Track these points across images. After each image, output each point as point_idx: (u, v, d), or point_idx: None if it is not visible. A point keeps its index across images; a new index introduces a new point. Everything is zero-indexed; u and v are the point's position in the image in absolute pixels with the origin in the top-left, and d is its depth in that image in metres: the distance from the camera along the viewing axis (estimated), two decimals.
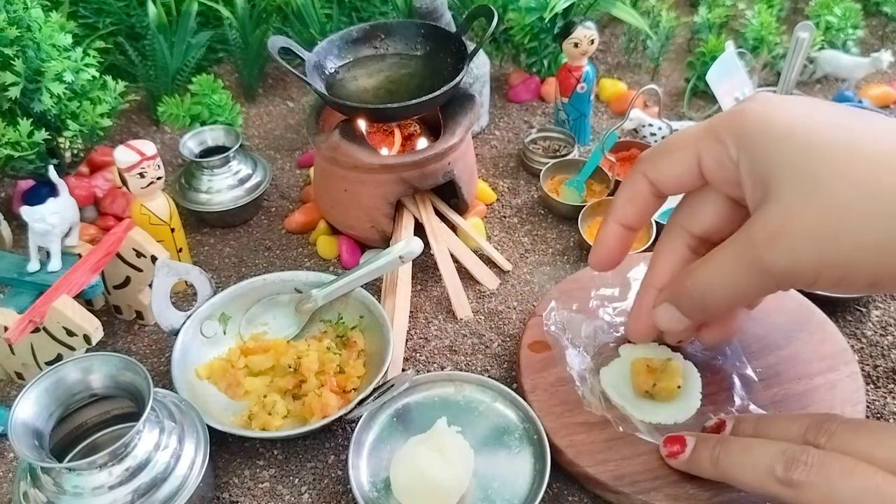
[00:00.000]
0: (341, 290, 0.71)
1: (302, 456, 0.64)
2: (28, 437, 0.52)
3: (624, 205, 0.57)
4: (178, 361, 0.66)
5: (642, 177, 0.55)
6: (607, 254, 0.59)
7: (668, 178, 0.53)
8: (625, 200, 0.57)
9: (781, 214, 0.45)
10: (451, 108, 0.80)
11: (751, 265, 0.47)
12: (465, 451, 0.58)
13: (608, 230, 0.58)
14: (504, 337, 0.74)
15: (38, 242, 0.70)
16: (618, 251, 0.59)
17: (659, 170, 0.54)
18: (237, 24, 1.06)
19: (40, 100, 0.78)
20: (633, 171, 0.56)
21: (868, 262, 0.43)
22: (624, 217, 0.57)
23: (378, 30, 0.85)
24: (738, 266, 0.48)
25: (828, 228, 0.43)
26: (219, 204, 0.85)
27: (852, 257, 0.43)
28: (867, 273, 0.43)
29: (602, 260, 0.59)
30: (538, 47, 1.06)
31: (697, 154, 0.51)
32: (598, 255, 0.59)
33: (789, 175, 0.45)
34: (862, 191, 0.43)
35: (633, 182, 0.56)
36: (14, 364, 0.69)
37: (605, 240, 0.58)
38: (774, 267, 0.45)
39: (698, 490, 0.55)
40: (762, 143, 0.47)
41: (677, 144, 0.53)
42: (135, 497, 0.53)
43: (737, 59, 0.92)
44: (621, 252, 0.59)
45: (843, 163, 0.44)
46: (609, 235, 0.58)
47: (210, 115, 0.92)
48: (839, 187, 0.43)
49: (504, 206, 0.90)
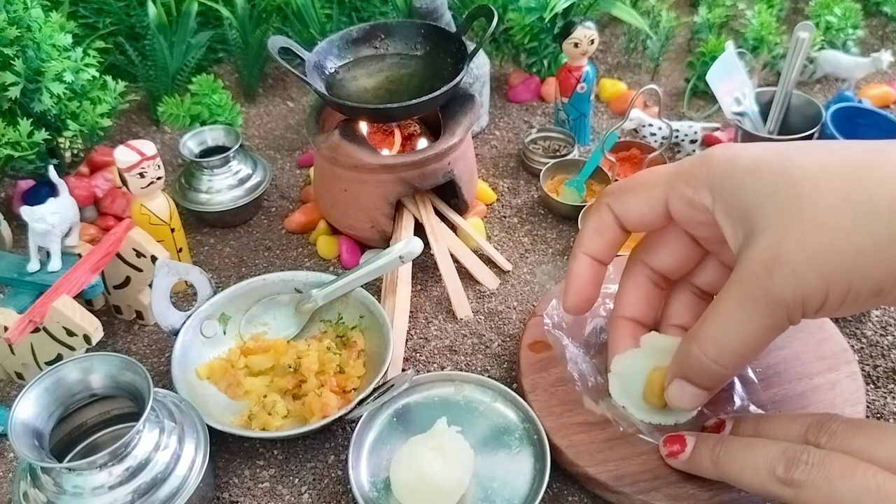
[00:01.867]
0: (341, 290, 0.71)
1: (302, 456, 0.64)
2: (28, 437, 0.52)
3: (591, 236, 0.55)
4: (178, 361, 0.66)
5: (607, 209, 0.54)
6: (581, 291, 0.56)
7: (632, 216, 0.53)
8: (591, 232, 0.55)
9: (774, 242, 0.44)
10: (451, 108, 0.80)
11: (758, 303, 0.44)
12: (465, 451, 0.58)
13: (578, 264, 0.56)
14: (504, 337, 0.74)
15: (38, 242, 0.70)
16: (592, 287, 0.56)
17: (624, 205, 0.53)
18: (237, 24, 1.06)
19: (40, 100, 0.78)
20: (598, 202, 0.55)
21: (870, 267, 0.42)
22: (591, 249, 0.55)
23: (378, 30, 0.85)
24: (744, 309, 0.45)
25: (824, 242, 0.42)
26: (219, 204, 0.85)
27: (854, 264, 0.42)
28: (871, 280, 0.42)
29: (576, 300, 0.56)
30: (538, 47, 1.06)
31: (665, 196, 0.51)
32: (572, 295, 0.56)
33: (770, 203, 0.44)
34: (848, 197, 0.42)
35: (598, 213, 0.54)
36: (14, 364, 0.69)
37: (577, 276, 0.56)
38: (782, 296, 0.43)
39: (698, 490, 0.55)
40: (736, 180, 0.47)
41: (644, 184, 0.52)
42: (135, 497, 0.53)
43: (737, 59, 0.92)
44: (595, 288, 0.56)
45: (821, 177, 0.44)
46: (579, 271, 0.55)
47: (210, 115, 0.92)
48: (824, 200, 0.43)
49: (504, 206, 0.90)
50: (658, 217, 0.52)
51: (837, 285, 0.43)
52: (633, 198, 0.53)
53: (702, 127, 0.93)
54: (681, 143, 0.93)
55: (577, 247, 0.56)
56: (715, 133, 0.97)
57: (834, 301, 0.43)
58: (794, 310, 0.44)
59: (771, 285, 0.43)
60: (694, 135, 0.92)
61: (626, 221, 0.54)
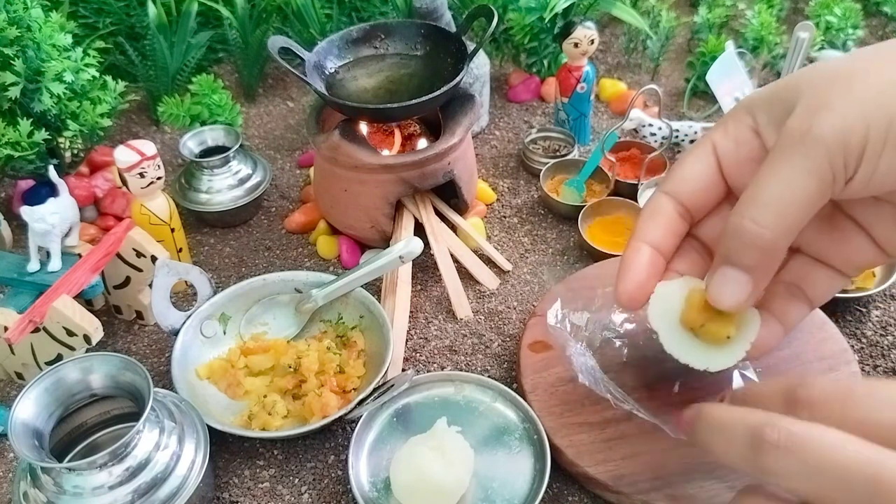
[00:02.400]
0: (341, 290, 0.71)
1: (302, 456, 0.64)
2: (28, 437, 0.52)
3: (645, 223, 0.50)
4: (178, 361, 0.66)
5: (659, 192, 0.50)
6: (636, 280, 0.49)
7: (686, 184, 0.49)
8: (646, 219, 0.50)
9: (813, 99, 0.43)
10: (451, 108, 0.80)
11: (797, 147, 0.42)
12: (465, 451, 0.58)
13: (632, 252, 0.49)
14: (504, 337, 0.74)
15: (38, 242, 0.70)
16: (649, 277, 0.50)
17: (674, 178, 0.49)
18: (237, 24, 1.06)
19: (40, 100, 0.78)
20: (652, 194, 0.52)
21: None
22: (647, 237, 0.50)
23: (378, 30, 0.85)
24: (785, 158, 0.42)
25: (859, 84, 0.42)
26: (219, 204, 0.85)
27: (889, 96, 0.41)
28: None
29: (631, 290, 0.49)
30: (538, 47, 1.06)
31: (712, 145, 0.48)
32: (627, 284, 0.49)
33: (808, 84, 0.44)
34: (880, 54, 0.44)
35: (651, 200, 0.51)
36: (14, 364, 0.69)
37: (632, 264, 0.49)
38: (821, 135, 0.41)
39: (698, 490, 0.55)
40: (775, 91, 0.46)
41: (691, 148, 0.51)
42: (135, 497, 0.53)
43: (737, 59, 0.92)
44: (652, 279, 0.50)
45: (858, 58, 0.45)
46: (634, 258, 0.49)
47: (210, 115, 0.92)
48: (860, 64, 0.44)
49: (504, 206, 0.90)
50: (712, 174, 0.48)
51: (877, 120, 0.41)
52: (681, 166, 0.50)
53: (702, 127, 0.93)
54: (681, 143, 0.93)
55: (631, 237, 0.50)
56: None
57: (875, 142, 0.41)
58: (835, 153, 0.42)
59: (810, 126, 0.42)
60: (694, 135, 0.92)
61: (681, 192, 0.49)
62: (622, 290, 0.49)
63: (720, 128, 0.49)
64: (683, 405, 0.62)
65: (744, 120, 0.48)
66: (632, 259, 0.49)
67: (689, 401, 0.62)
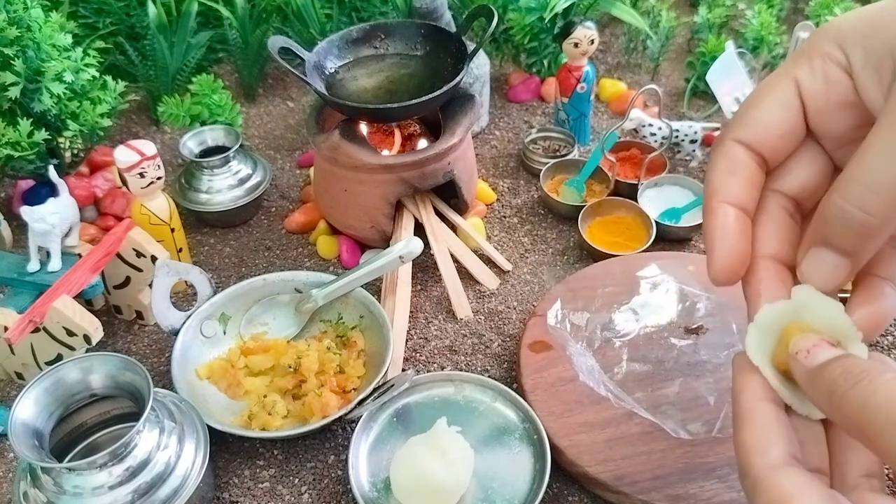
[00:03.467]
0: (341, 290, 0.71)
1: (302, 456, 0.64)
2: (28, 437, 0.52)
3: (723, 180, 0.42)
4: (178, 361, 0.66)
5: (732, 142, 0.42)
6: (732, 249, 0.42)
7: (767, 130, 0.42)
8: (723, 175, 0.43)
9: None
10: (451, 108, 0.80)
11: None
12: (465, 451, 0.58)
13: (719, 218, 0.42)
14: (504, 337, 0.74)
15: (38, 242, 0.70)
16: (743, 242, 0.42)
17: (751, 123, 0.42)
18: (237, 24, 1.06)
19: (40, 100, 0.78)
20: (719, 143, 0.43)
21: None
22: (729, 195, 0.42)
23: (378, 30, 0.85)
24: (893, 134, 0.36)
25: None
26: (219, 204, 0.85)
27: None
28: None
29: (728, 261, 0.42)
30: (538, 47, 1.06)
31: (796, 84, 0.41)
32: (722, 256, 0.42)
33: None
34: None
35: (723, 151, 0.43)
36: (14, 364, 0.69)
37: (722, 231, 0.42)
38: None
39: (698, 490, 0.55)
40: (872, 19, 0.39)
41: (763, 89, 0.42)
42: (135, 497, 0.53)
43: (737, 59, 0.92)
44: (747, 243, 0.43)
45: None
46: (723, 224, 0.42)
47: (210, 115, 0.92)
48: None
49: (504, 206, 0.90)
50: (796, 119, 0.42)
51: None
52: (758, 108, 0.42)
53: (702, 127, 0.93)
54: (681, 143, 0.93)
55: (709, 198, 0.43)
56: (715, 133, 0.97)
57: None
58: None
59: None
60: (694, 135, 0.92)
61: (761, 141, 0.42)
62: (719, 263, 0.42)
63: (803, 63, 0.41)
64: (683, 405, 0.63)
65: (833, 54, 0.40)
66: (721, 225, 0.42)
67: (690, 400, 0.63)
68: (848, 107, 0.41)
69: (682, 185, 0.88)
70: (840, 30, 0.40)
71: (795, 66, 0.41)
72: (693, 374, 0.65)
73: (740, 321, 0.68)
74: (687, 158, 0.95)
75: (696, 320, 0.69)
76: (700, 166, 0.94)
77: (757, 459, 0.38)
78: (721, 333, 0.68)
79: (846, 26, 0.40)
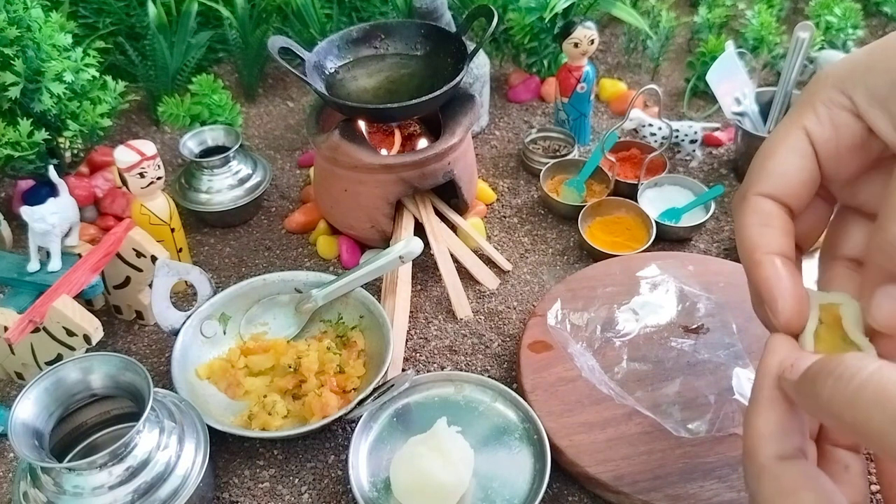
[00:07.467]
0: (341, 290, 0.71)
1: (302, 456, 0.64)
2: (28, 437, 0.52)
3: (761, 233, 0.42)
4: (178, 361, 0.66)
5: (756, 197, 0.43)
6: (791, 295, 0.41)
7: (785, 179, 0.42)
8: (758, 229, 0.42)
9: None
10: (451, 108, 0.80)
11: None
12: (465, 451, 0.58)
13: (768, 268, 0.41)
14: (504, 337, 0.74)
15: (38, 242, 0.70)
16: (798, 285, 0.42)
17: (770, 176, 0.43)
18: (237, 24, 1.06)
19: (40, 100, 0.78)
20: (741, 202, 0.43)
21: None
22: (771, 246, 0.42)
23: (378, 30, 0.85)
24: None
25: None
26: (219, 204, 0.85)
27: None
28: None
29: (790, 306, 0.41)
30: (538, 47, 1.06)
31: (805, 133, 0.42)
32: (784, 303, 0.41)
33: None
34: None
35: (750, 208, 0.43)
36: (14, 364, 0.69)
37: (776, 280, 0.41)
38: None
39: (698, 490, 0.55)
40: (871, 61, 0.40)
41: (776, 139, 0.43)
42: (135, 497, 0.53)
43: (737, 59, 0.92)
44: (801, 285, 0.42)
45: None
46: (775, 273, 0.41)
47: (210, 115, 0.92)
48: None
49: (504, 206, 0.90)
50: (811, 167, 0.42)
51: None
52: (775, 160, 0.42)
53: (702, 127, 0.93)
54: (681, 143, 0.93)
55: (751, 252, 0.42)
56: (715, 133, 0.97)
57: None
58: None
59: None
60: (694, 135, 0.92)
61: (785, 191, 0.42)
62: (788, 311, 0.41)
63: (808, 112, 0.42)
64: (684, 404, 0.63)
65: (837, 100, 0.41)
66: (776, 276, 0.41)
67: (690, 400, 0.63)
68: (857, 149, 0.42)
69: (682, 185, 0.88)
70: (838, 76, 0.41)
71: (801, 115, 0.42)
72: (693, 374, 0.65)
73: (740, 321, 0.68)
74: (687, 158, 0.95)
75: (696, 320, 0.69)
76: (700, 166, 0.94)
77: (767, 447, 0.38)
78: (721, 333, 0.68)
79: (843, 71, 0.41)
